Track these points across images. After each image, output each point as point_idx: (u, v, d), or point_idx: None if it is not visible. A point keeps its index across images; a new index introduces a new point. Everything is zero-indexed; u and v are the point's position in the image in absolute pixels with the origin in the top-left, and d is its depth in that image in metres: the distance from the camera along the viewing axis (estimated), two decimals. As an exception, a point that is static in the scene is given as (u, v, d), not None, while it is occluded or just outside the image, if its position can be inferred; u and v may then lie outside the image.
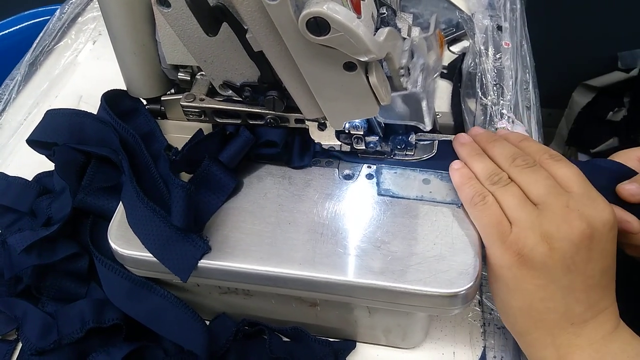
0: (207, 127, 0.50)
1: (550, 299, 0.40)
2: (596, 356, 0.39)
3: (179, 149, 0.46)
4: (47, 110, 0.52)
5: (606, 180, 0.46)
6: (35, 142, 0.52)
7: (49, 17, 0.85)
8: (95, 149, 0.50)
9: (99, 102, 0.50)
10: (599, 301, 0.40)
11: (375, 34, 0.36)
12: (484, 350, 0.49)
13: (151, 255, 0.42)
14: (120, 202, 0.45)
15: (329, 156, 0.49)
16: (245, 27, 0.39)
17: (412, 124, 0.45)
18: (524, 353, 0.44)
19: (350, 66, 0.37)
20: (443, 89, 0.72)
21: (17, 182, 0.54)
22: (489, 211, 0.41)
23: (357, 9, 0.37)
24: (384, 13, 0.44)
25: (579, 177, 0.41)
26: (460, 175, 0.44)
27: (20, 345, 0.50)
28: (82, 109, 0.52)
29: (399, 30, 0.45)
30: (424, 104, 0.42)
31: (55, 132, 0.51)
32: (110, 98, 0.51)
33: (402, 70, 0.40)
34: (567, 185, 0.41)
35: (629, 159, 0.48)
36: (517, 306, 0.41)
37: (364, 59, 0.36)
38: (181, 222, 0.41)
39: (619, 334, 0.41)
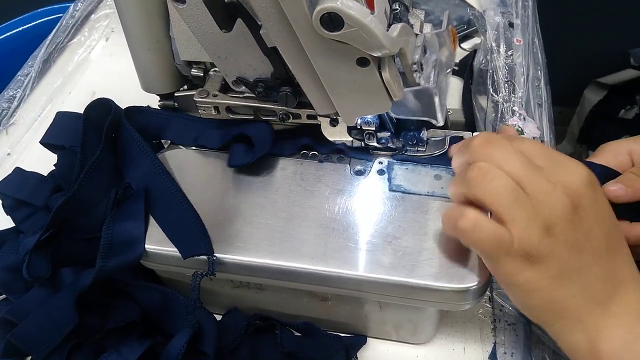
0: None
1: (567, 285, 0.37)
2: (628, 336, 0.37)
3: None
4: (57, 113, 0.53)
5: None
6: (47, 143, 0.53)
7: (61, 14, 0.86)
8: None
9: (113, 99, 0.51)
10: (616, 270, 0.38)
11: (388, 30, 0.37)
12: (494, 346, 0.49)
13: (169, 250, 0.43)
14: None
15: (340, 152, 0.49)
16: (259, 23, 0.40)
17: (424, 119, 0.45)
18: (556, 342, 0.41)
19: (363, 62, 0.37)
20: (454, 86, 0.72)
21: (33, 177, 0.55)
22: (479, 230, 0.37)
23: (370, 5, 0.37)
24: (397, 9, 0.44)
25: (541, 147, 0.39)
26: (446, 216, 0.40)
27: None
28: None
29: (411, 26, 0.45)
30: (436, 99, 0.42)
31: (62, 135, 0.52)
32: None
33: (414, 66, 0.40)
34: (534, 158, 0.38)
35: (619, 153, 0.46)
36: (537, 304, 0.39)
37: (377, 54, 0.36)
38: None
39: None
